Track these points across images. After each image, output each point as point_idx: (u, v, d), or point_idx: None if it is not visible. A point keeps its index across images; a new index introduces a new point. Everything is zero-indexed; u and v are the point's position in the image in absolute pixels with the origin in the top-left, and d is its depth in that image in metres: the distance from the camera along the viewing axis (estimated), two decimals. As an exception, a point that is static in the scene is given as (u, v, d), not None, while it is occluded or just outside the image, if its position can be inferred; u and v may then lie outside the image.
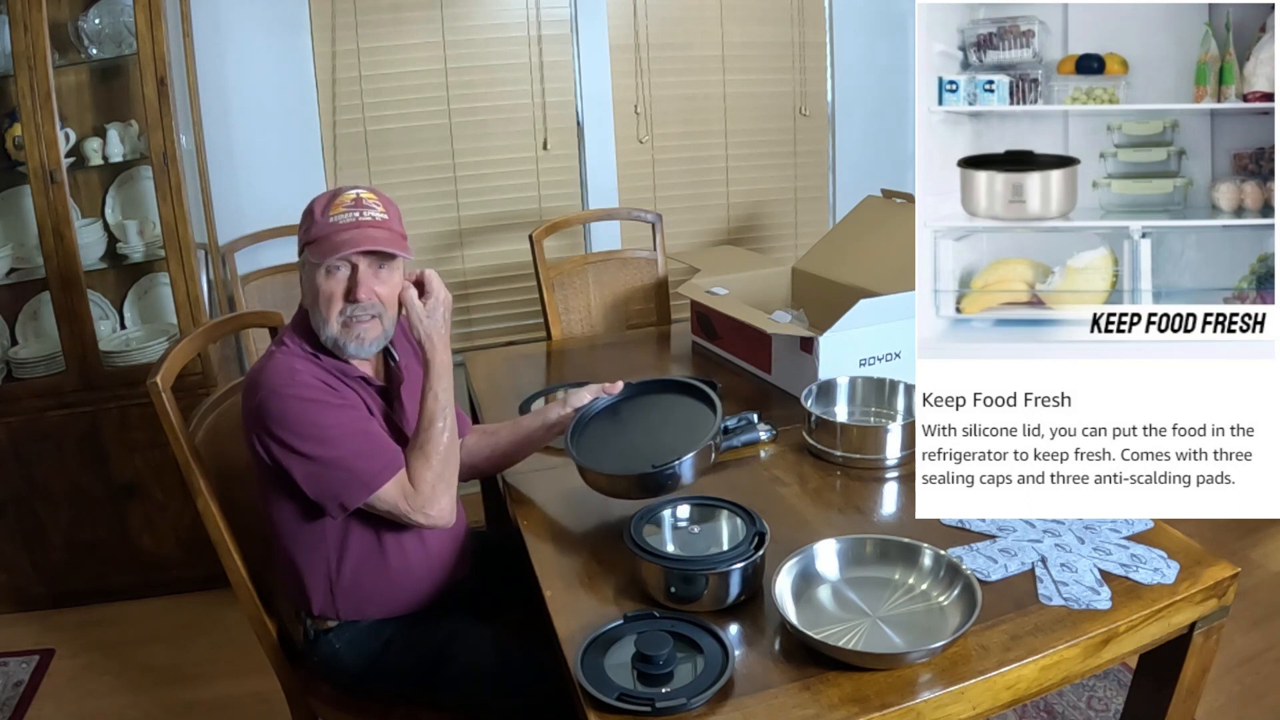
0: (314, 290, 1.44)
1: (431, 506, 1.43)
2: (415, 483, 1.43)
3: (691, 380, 1.63)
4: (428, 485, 1.43)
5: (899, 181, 3.10)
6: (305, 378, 1.42)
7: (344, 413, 1.43)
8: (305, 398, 1.40)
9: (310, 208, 1.46)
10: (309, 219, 1.45)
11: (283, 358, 1.46)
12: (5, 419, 2.52)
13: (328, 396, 1.42)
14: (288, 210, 3.01)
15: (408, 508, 1.42)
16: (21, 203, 2.58)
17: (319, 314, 1.45)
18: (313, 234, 1.43)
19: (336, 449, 1.39)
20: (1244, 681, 2.17)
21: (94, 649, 2.53)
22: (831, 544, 1.33)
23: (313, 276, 1.44)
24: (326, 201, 1.45)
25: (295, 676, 1.64)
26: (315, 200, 1.46)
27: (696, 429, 1.50)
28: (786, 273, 2.58)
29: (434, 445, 1.44)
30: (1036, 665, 1.17)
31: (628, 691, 1.10)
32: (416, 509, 1.42)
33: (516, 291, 3.24)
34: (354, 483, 1.40)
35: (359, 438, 1.42)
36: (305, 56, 2.93)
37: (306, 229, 1.45)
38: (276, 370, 1.43)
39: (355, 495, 1.40)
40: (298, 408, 1.39)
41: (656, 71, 3.27)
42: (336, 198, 1.45)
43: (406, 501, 1.42)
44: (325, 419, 1.40)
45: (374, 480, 1.40)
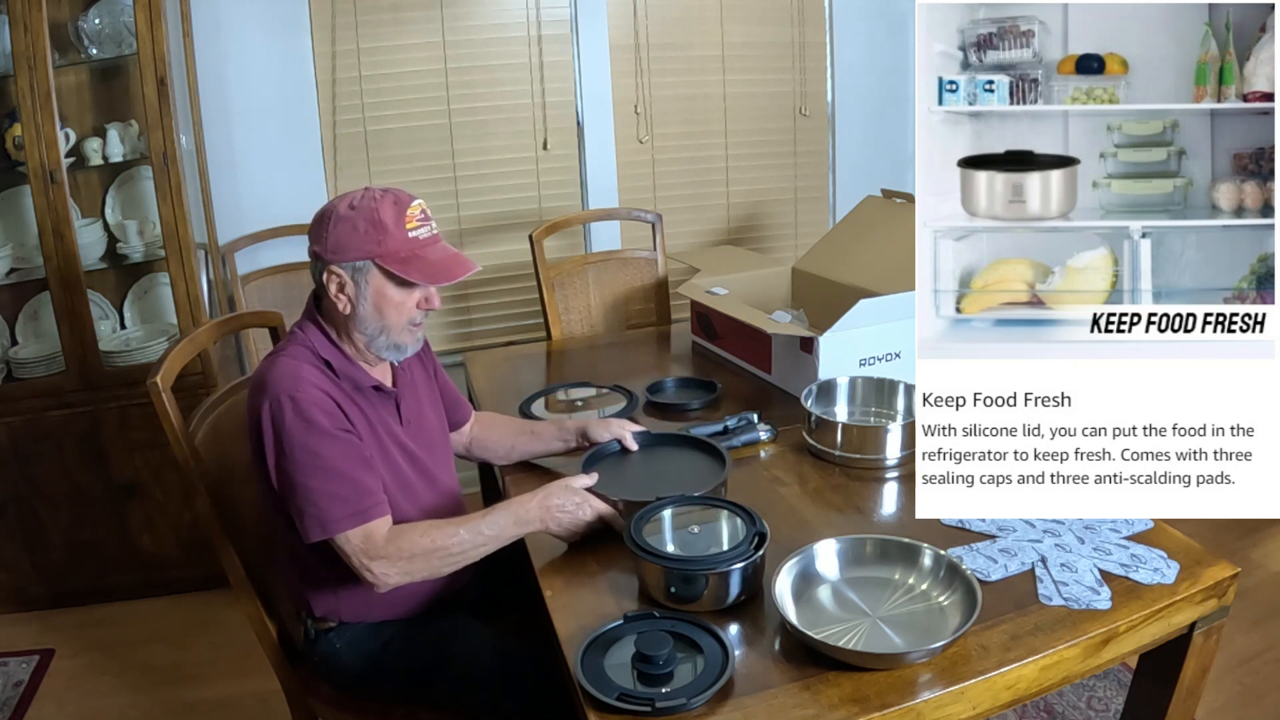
0: (381, 299, 1.43)
1: (379, 566, 1.36)
2: (391, 540, 1.37)
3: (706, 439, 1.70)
4: (399, 554, 1.37)
5: (899, 181, 3.10)
6: (310, 391, 1.39)
7: (336, 445, 1.39)
8: (304, 416, 1.38)
9: (375, 216, 1.41)
10: (379, 229, 1.40)
11: (290, 362, 1.43)
12: (5, 419, 2.52)
13: (325, 420, 1.39)
14: (288, 210, 3.03)
15: (361, 557, 1.36)
16: (21, 203, 2.58)
17: (381, 321, 1.44)
18: (390, 246, 1.41)
19: (313, 480, 1.36)
20: (1244, 681, 2.17)
21: (94, 649, 2.53)
22: (831, 544, 1.33)
23: (382, 287, 1.43)
24: (396, 213, 1.42)
25: (295, 676, 1.64)
26: (373, 204, 1.41)
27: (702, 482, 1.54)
28: (786, 273, 2.58)
29: (446, 541, 1.39)
30: (1036, 665, 1.17)
31: (628, 691, 1.10)
32: (370, 559, 1.36)
33: (516, 291, 3.25)
34: (315, 520, 1.37)
35: (337, 478, 1.37)
36: (305, 56, 2.93)
37: (378, 239, 1.40)
38: (283, 375, 1.41)
39: (312, 531, 1.37)
40: (293, 424, 1.37)
41: (656, 71, 3.27)
42: (406, 209, 1.43)
43: (364, 548, 1.36)
44: (315, 445, 1.37)
45: (333, 526, 1.37)
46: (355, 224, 1.41)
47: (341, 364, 1.47)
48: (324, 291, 1.46)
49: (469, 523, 1.41)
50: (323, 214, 1.45)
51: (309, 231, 1.48)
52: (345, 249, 1.41)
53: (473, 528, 1.40)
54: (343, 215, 1.42)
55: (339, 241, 1.41)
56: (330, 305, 1.46)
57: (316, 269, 1.46)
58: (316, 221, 1.45)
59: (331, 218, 1.43)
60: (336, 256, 1.42)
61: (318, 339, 1.47)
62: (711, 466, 1.60)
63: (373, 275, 1.42)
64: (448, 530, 1.39)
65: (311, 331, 1.48)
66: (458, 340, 3.25)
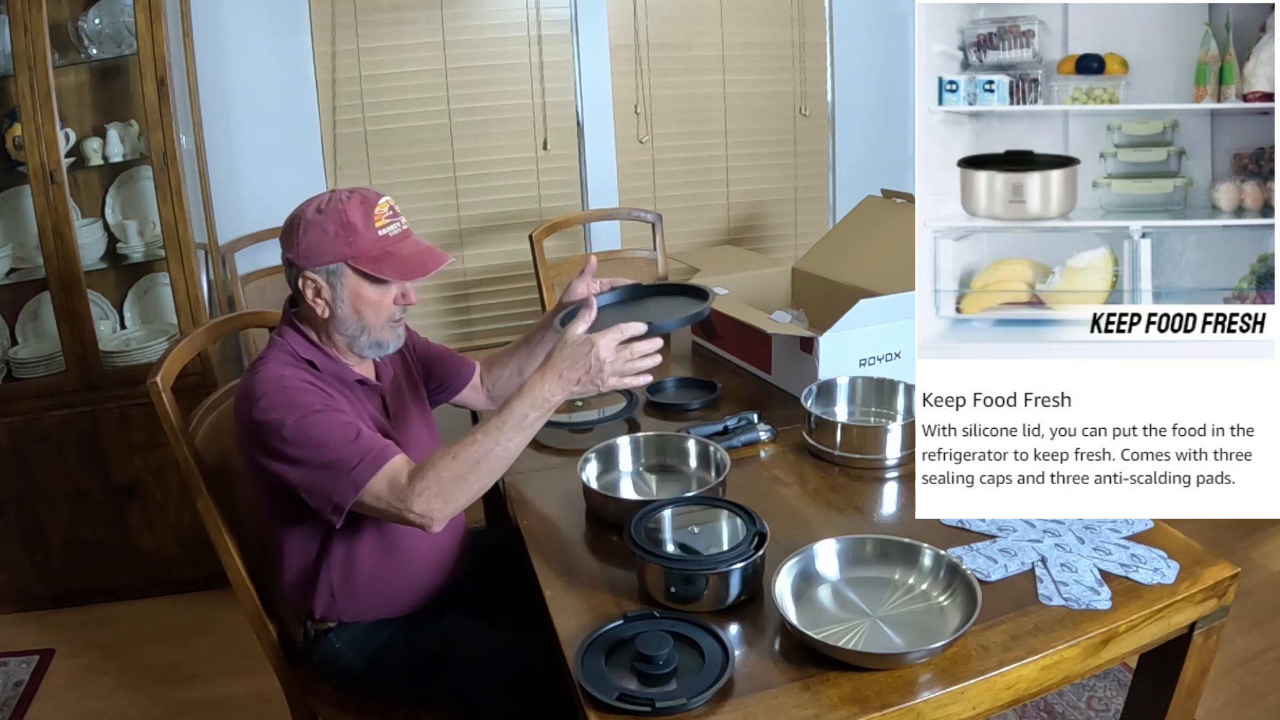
0: (357, 299, 1.42)
1: (418, 503, 1.31)
2: (416, 475, 1.33)
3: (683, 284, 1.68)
4: (428, 484, 1.32)
5: (899, 181, 3.10)
6: (294, 384, 1.39)
7: (328, 415, 1.38)
8: (290, 403, 1.37)
9: (344, 217, 1.39)
10: (349, 230, 1.39)
11: (272, 368, 1.42)
12: (5, 419, 2.52)
13: (312, 400, 1.38)
14: (288, 210, 2.99)
15: (396, 504, 1.32)
16: (21, 203, 2.58)
17: (361, 321, 1.44)
18: (361, 246, 1.40)
19: (324, 452, 1.35)
20: (1244, 681, 2.17)
21: (94, 649, 2.53)
22: (831, 544, 1.33)
23: (357, 287, 1.42)
24: (364, 212, 1.41)
25: (295, 676, 1.64)
26: (340, 206, 1.40)
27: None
28: (786, 273, 2.58)
29: (469, 452, 1.33)
30: (1036, 665, 1.17)
31: (628, 691, 1.10)
32: (405, 502, 1.32)
33: (516, 291, 3.25)
34: (342, 482, 1.34)
35: (343, 436, 1.36)
36: (305, 56, 2.93)
37: (348, 240, 1.39)
38: (265, 382, 1.40)
39: (345, 494, 1.34)
40: (284, 414, 1.36)
41: (656, 71, 3.27)
42: (374, 208, 1.42)
43: (393, 494, 1.32)
44: (310, 423, 1.36)
45: (359, 476, 1.33)
46: (325, 227, 1.40)
47: (324, 362, 1.47)
48: (301, 297, 1.45)
49: (485, 427, 1.34)
50: (292, 220, 1.44)
51: (280, 239, 1.47)
52: (317, 253, 1.40)
53: (489, 428, 1.33)
54: (311, 220, 1.41)
55: (310, 247, 1.40)
56: (308, 309, 1.46)
57: (291, 275, 1.45)
58: (286, 228, 1.44)
59: (301, 223, 1.41)
60: (309, 261, 1.41)
61: (297, 342, 1.47)
62: (690, 303, 1.59)
63: (347, 277, 1.41)
64: (465, 442, 1.33)
65: (291, 336, 1.47)
66: (458, 340, 3.25)
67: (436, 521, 1.33)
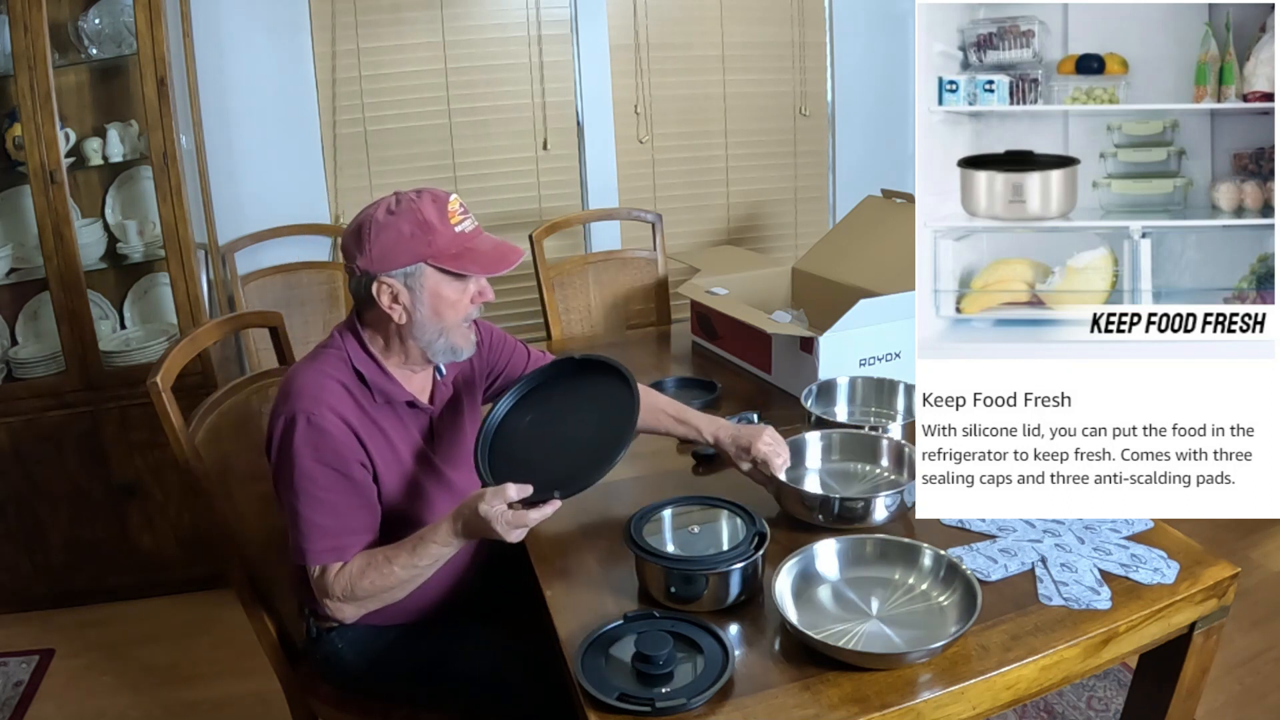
0: (437, 300, 1.38)
1: (334, 607, 1.39)
2: (347, 583, 1.36)
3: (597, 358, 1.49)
4: (352, 595, 1.37)
5: (899, 181, 3.10)
6: (326, 416, 1.36)
7: (335, 478, 1.37)
8: (313, 441, 1.35)
9: (420, 216, 1.35)
10: (426, 229, 1.35)
11: (318, 376, 1.39)
12: (5, 419, 2.52)
13: (332, 449, 1.36)
14: (288, 210, 3.03)
15: (321, 590, 1.38)
16: (21, 203, 2.58)
17: (440, 324, 1.40)
18: (440, 245, 1.36)
19: (304, 507, 1.36)
20: (1244, 681, 2.17)
21: (94, 649, 2.53)
22: (831, 544, 1.33)
23: (437, 287, 1.38)
24: (438, 210, 1.37)
25: (295, 676, 1.64)
26: (413, 205, 1.36)
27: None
28: (786, 273, 2.58)
29: (385, 582, 1.36)
30: (1036, 665, 1.17)
31: (628, 691, 1.10)
32: (327, 597, 1.38)
33: (516, 291, 3.24)
34: (300, 542, 1.37)
35: (328, 511, 1.36)
36: (305, 57, 2.93)
37: (427, 239, 1.35)
38: (306, 390, 1.37)
39: (296, 553, 1.38)
40: (301, 446, 1.35)
41: (656, 71, 3.27)
42: (447, 205, 1.39)
43: (324, 584, 1.38)
44: (315, 473, 1.35)
45: (312, 554, 1.37)
46: (400, 229, 1.35)
47: (376, 376, 1.43)
48: (372, 305, 1.40)
49: (405, 560, 1.35)
50: (358, 226, 1.38)
51: (343, 249, 1.43)
52: (394, 256, 1.36)
53: (410, 561, 1.35)
54: (383, 223, 1.36)
55: (385, 250, 1.36)
56: (377, 317, 1.42)
57: (362, 284, 1.39)
58: (353, 235, 1.39)
59: (371, 227, 1.36)
60: (385, 265, 1.36)
61: (354, 350, 1.44)
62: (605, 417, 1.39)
63: (427, 277, 1.37)
64: (384, 570, 1.36)
65: (350, 342, 1.44)
66: (458, 340, 3.25)
67: (341, 621, 1.44)
